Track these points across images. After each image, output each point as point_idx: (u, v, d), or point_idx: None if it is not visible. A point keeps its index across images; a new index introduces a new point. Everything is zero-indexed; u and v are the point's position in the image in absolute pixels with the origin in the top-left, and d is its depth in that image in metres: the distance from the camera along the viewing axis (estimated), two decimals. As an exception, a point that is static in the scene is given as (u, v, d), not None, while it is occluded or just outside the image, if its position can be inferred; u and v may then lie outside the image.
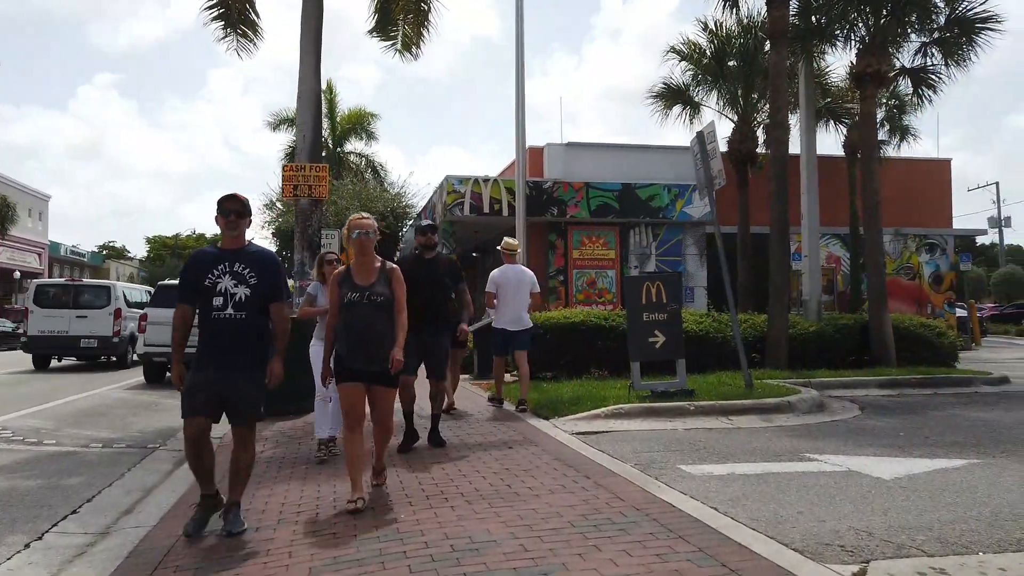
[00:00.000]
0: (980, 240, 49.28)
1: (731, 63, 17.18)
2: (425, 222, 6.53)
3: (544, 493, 4.45)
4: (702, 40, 17.37)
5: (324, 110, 30.02)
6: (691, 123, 18.47)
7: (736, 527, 3.64)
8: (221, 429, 4.50)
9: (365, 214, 4.61)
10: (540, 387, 9.29)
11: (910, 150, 23.74)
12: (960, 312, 25.87)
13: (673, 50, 17.69)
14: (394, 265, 4.55)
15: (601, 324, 10.57)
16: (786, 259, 11.02)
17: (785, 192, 10.96)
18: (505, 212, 19.56)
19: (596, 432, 6.66)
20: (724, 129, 18.25)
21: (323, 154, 28.35)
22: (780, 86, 10.95)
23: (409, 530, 3.81)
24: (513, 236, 13.84)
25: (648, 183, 20.35)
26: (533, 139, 15.17)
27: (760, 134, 17.81)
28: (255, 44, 11.62)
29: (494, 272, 8.14)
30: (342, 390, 4.42)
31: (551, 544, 3.46)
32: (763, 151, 18.08)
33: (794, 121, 15.07)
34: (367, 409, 4.49)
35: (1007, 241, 52.18)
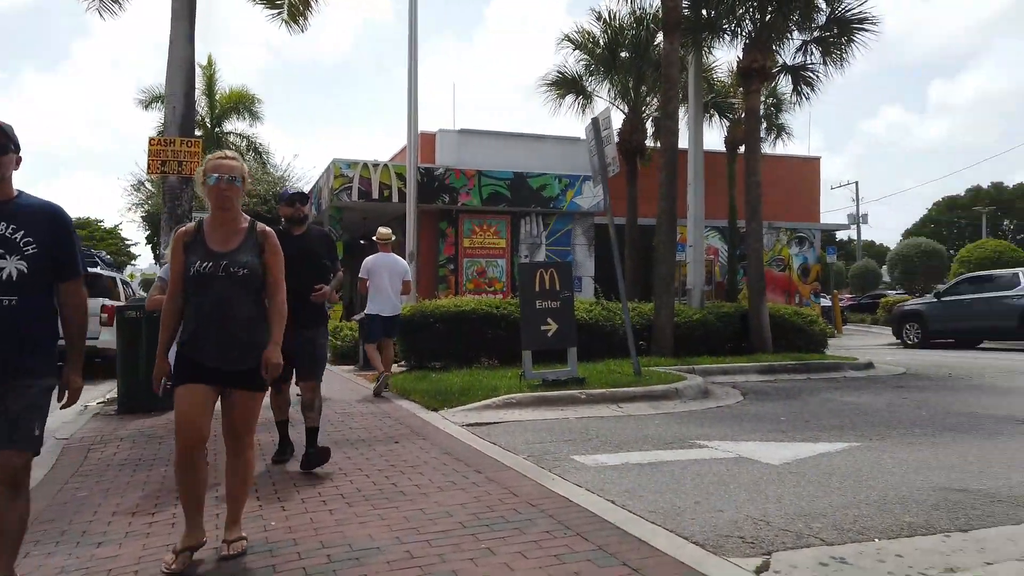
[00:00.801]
0: (838, 235, 53.07)
1: (624, 54, 17.37)
2: (291, 190, 5.27)
3: (432, 491, 4.14)
4: (596, 29, 17.48)
5: (202, 85, 28.25)
6: (583, 113, 18.62)
7: (635, 521, 3.47)
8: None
9: (229, 152, 3.37)
10: (428, 377, 8.96)
11: (784, 148, 24.97)
12: (824, 302, 27.59)
13: (568, 39, 17.71)
14: (267, 228, 3.38)
15: (492, 312, 10.34)
16: (674, 249, 11.19)
17: (675, 182, 11.11)
18: (395, 198, 19.02)
19: (487, 423, 6.41)
20: (615, 121, 18.49)
21: (200, 133, 26.71)
22: (672, 76, 11.07)
23: (280, 539, 3.40)
24: (401, 222, 13.42)
25: (540, 173, 20.34)
26: (425, 125, 14.76)
27: (649, 126, 18.14)
28: (119, 4, 10.60)
29: (367, 259, 8.68)
30: (179, 396, 3.13)
31: (440, 549, 3.17)
32: (652, 144, 18.45)
33: (682, 114, 15.41)
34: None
35: (863, 237, 56.54)
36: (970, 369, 11.32)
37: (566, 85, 18.10)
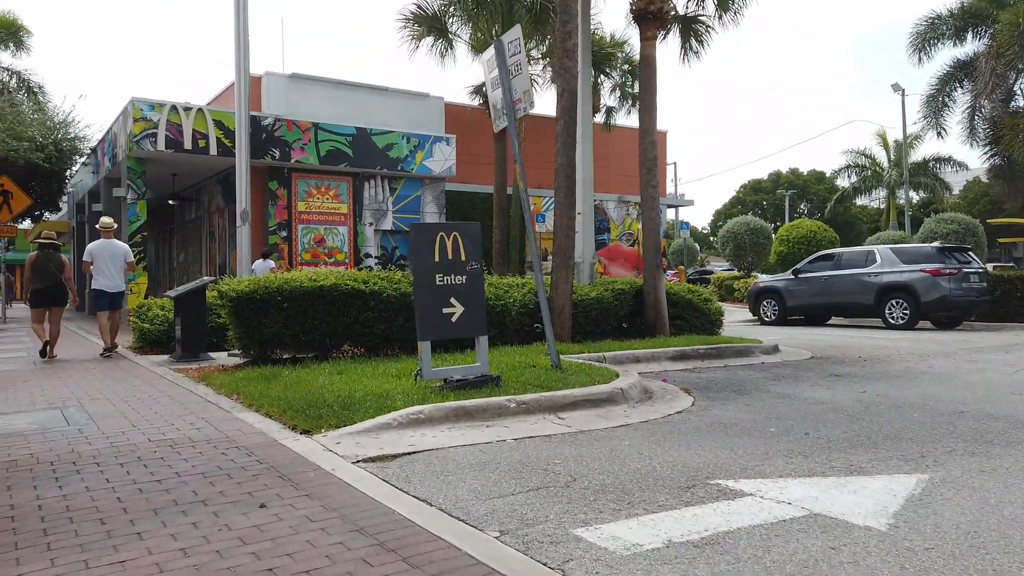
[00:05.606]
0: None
1: (491, -6, 15.44)
2: None
3: (372, 651, 2.08)
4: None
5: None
6: (443, 60, 16.50)
7: None
8: None
9: None
10: (279, 376, 6.62)
11: (630, 119, 24.21)
12: (671, 278, 27.62)
13: (427, -31, 15.45)
14: None
15: (359, 288, 8.09)
16: (573, 214, 9.51)
17: (574, 133, 9.37)
18: (213, 150, 15.94)
19: (395, 455, 4.34)
20: (477, 73, 16.62)
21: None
22: (571, 7, 9.27)
23: None
24: (220, 179, 10.71)
25: (386, 130, 18.05)
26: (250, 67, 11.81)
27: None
28: None
29: (91, 245, 10.11)
30: None
31: None
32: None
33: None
34: None
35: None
36: (863, 349, 10.79)
37: (425, 22, 15.87)
